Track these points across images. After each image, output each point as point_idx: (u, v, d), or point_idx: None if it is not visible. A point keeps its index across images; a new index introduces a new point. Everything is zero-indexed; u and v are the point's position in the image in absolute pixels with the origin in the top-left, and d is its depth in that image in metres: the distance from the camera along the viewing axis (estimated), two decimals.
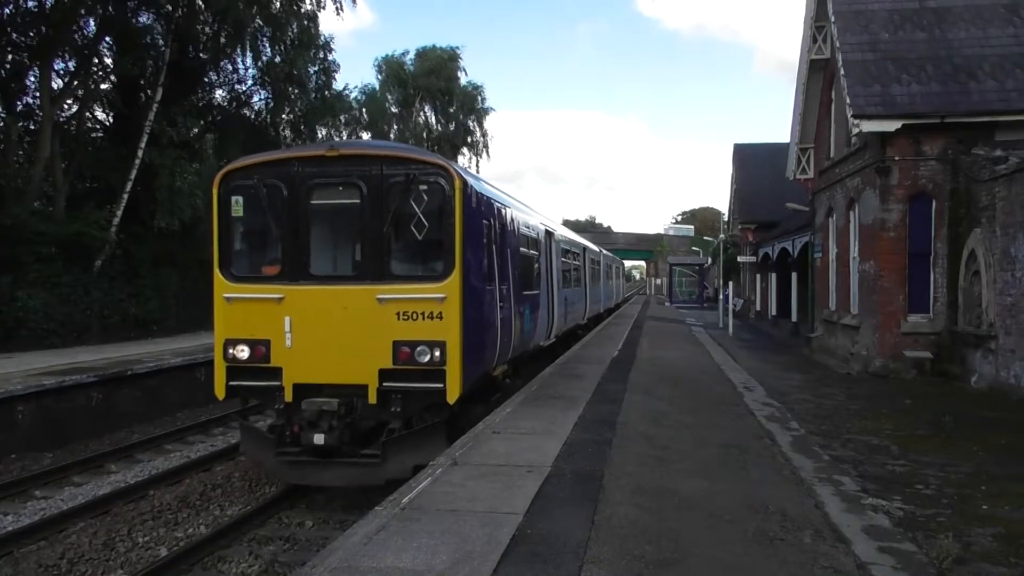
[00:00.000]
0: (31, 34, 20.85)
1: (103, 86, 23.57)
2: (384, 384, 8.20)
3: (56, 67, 21.56)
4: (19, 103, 21.23)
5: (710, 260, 59.24)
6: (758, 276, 37.81)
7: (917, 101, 15.56)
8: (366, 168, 8.38)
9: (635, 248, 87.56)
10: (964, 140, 15.16)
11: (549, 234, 15.07)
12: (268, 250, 8.90)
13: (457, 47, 51.48)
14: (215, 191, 8.83)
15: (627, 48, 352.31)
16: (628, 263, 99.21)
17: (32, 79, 21.34)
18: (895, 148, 15.57)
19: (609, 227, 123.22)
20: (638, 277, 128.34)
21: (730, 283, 36.78)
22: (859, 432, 9.80)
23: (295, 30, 26.57)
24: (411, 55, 51.19)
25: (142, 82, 22.59)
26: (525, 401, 10.54)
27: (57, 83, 21.70)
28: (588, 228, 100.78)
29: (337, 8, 26.89)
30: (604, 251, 31.36)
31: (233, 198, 8.71)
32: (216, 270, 8.75)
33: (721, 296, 36.68)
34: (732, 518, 5.69)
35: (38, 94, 20.96)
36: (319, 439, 8.10)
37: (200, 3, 23.08)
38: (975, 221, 14.36)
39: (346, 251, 9.00)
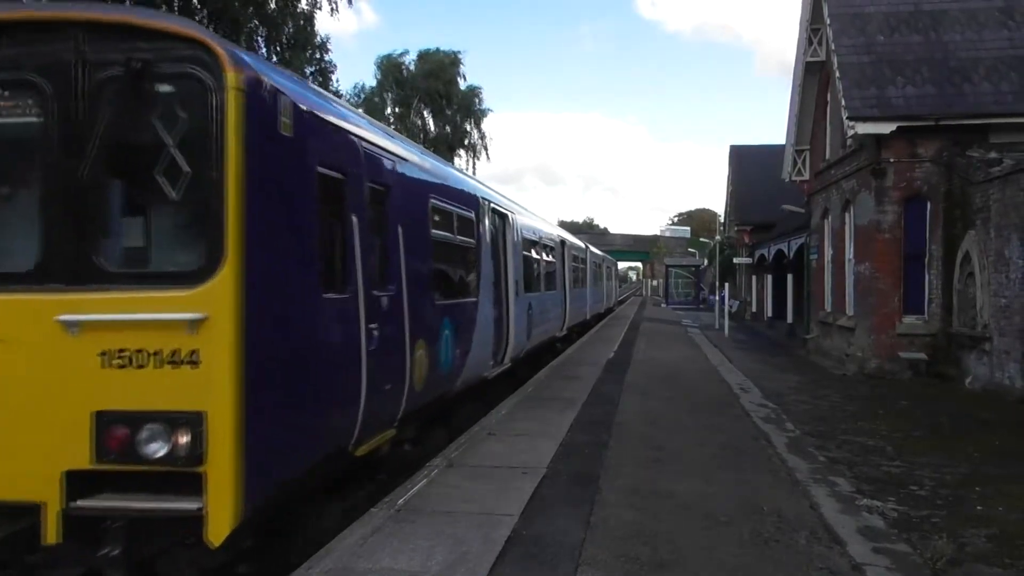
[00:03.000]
0: None
1: None
2: (78, 503, 4.22)
3: None
4: None
5: (706, 261, 59.34)
6: (754, 277, 37.85)
7: (912, 103, 15.59)
8: (52, 49, 4.37)
9: (632, 249, 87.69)
10: (959, 142, 15.19)
11: (501, 216, 11.35)
12: None
13: (459, 52, 51.87)
14: None
15: (627, 50, 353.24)
16: (625, 264, 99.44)
17: None
18: (890, 150, 15.61)
19: (606, 228, 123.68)
20: (635, 279, 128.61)
21: (726, 284, 36.83)
22: (854, 433, 9.81)
23: (291, 30, 26.58)
24: (411, 56, 51.46)
25: None
26: (521, 403, 10.55)
27: None
28: (585, 229, 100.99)
29: (332, 8, 26.96)
30: (592, 248, 28.57)
31: None
32: None
33: (717, 297, 36.72)
34: (728, 519, 5.71)
35: None
36: None
37: (196, 3, 23.07)
38: (970, 223, 14.40)
39: (10, 222, 4.68)
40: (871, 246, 16.05)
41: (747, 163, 41.42)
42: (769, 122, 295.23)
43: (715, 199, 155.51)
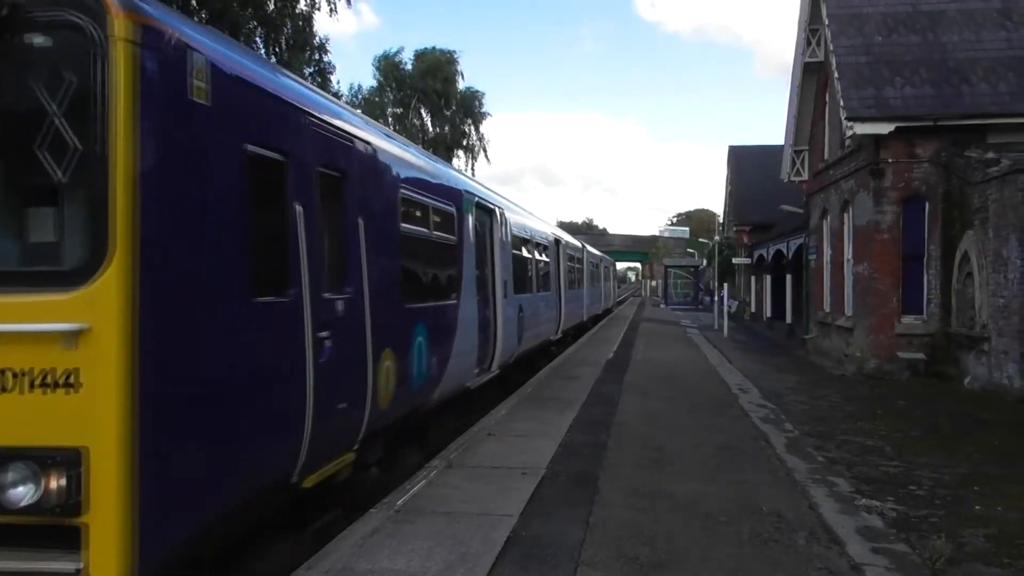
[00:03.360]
0: None
1: None
2: None
3: None
4: None
5: (705, 262, 59.39)
6: (753, 278, 37.89)
7: (910, 104, 15.62)
8: None
9: (631, 250, 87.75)
10: (957, 143, 15.22)
11: (488, 212, 10.64)
12: None
13: (455, 51, 52.23)
14: None
15: (627, 51, 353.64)
16: (624, 265, 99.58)
17: None
18: (889, 151, 15.63)
19: (605, 229, 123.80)
20: (634, 279, 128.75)
21: (725, 285, 36.87)
22: (853, 433, 9.82)
23: (290, 31, 26.61)
24: (407, 54, 51.79)
25: None
26: (520, 403, 10.55)
27: None
28: (584, 230, 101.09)
29: (331, 9, 27.02)
30: (590, 247, 28.23)
31: None
32: None
33: (716, 298, 36.77)
34: (727, 520, 5.71)
35: None
36: None
37: (195, 4, 23.09)
38: (968, 223, 14.42)
39: None
40: (870, 246, 16.07)
41: (746, 163, 41.44)
42: (768, 122, 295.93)
43: (714, 199, 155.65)
